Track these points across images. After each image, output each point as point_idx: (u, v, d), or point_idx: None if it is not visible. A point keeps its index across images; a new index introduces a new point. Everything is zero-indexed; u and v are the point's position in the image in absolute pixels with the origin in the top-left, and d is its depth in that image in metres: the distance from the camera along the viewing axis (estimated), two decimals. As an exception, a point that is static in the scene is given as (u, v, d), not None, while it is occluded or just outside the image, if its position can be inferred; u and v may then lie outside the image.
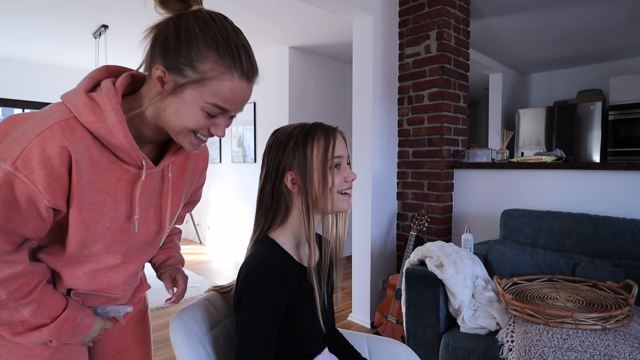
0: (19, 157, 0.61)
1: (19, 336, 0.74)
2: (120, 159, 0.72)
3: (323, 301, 0.89)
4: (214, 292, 1.01)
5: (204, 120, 0.69)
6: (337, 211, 0.88)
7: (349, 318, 2.86)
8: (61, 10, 3.15)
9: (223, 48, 0.65)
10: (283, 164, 0.86)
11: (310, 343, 0.88)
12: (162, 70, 0.66)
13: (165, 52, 0.65)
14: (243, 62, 0.66)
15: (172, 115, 0.69)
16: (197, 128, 0.70)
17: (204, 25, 0.65)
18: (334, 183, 0.85)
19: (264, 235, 0.88)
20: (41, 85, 4.80)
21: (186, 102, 0.67)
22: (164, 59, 0.65)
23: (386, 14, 2.77)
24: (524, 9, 3.22)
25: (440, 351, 1.71)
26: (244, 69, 0.66)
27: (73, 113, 0.67)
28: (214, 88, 0.65)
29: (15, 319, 0.72)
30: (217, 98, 0.66)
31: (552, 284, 1.80)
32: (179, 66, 0.65)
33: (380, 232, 2.80)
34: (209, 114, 0.68)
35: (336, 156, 0.86)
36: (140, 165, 0.73)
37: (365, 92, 2.73)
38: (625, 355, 1.26)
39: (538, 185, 2.36)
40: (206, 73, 0.64)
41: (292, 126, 0.89)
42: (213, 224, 5.34)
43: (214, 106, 0.67)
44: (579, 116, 4.34)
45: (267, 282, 0.78)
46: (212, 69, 0.65)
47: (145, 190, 0.78)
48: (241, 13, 3.22)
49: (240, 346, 0.77)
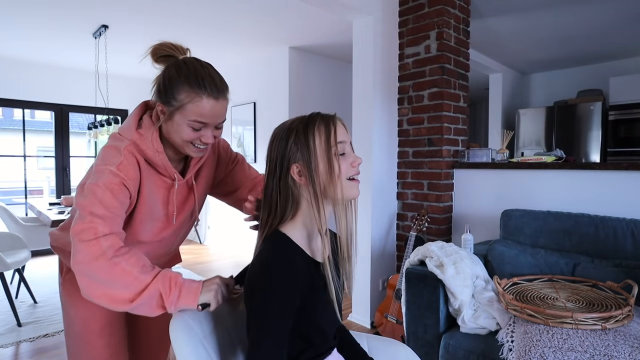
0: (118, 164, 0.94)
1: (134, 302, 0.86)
2: (160, 173, 1.03)
3: (338, 294, 0.88)
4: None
5: (193, 133, 0.96)
6: (347, 198, 0.86)
7: (349, 318, 2.86)
8: (61, 10, 3.15)
9: (192, 81, 0.92)
10: (287, 158, 0.85)
11: (323, 340, 0.88)
12: (160, 106, 0.96)
13: (159, 94, 0.96)
14: (207, 87, 0.92)
15: (172, 134, 0.98)
16: (190, 140, 0.97)
17: (179, 70, 0.93)
18: (341, 169, 0.85)
19: (275, 230, 0.87)
20: (41, 85, 4.80)
21: (176, 123, 0.95)
22: (160, 99, 0.96)
23: (386, 14, 2.77)
24: (524, 9, 3.22)
25: (440, 351, 1.71)
26: (209, 92, 0.92)
27: (133, 142, 0.98)
28: (190, 109, 0.92)
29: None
30: (195, 115, 0.93)
31: (552, 284, 1.80)
32: (168, 100, 0.94)
33: (380, 232, 2.80)
34: (193, 128, 0.95)
35: (339, 142, 0.85)
36: (174, 178, 1.05)
37: (365, 92, 2.74)
38: (625, 355, 1.26)
39: (538, 185, 2.36)
40: (183, 100, 0.92)
41: (290, 120, 0.89)
42: (213, 223, 5.34)
43: (195, 122, 0.94)
44: (579, 116, 4.34)
45: (280, 278, 0.77)
46: (186, 97, 0.92)
47: (179, 194, 1.09)
48: (241, 13, 3.22)
49: (252, 344, 0.76)
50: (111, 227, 0.89)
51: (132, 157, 0.96)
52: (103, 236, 0.87)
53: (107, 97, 4.63)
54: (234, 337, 0.97)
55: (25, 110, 4.91)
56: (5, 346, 2.43)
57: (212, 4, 3.04)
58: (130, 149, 0.97)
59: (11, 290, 3.28)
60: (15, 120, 12.36)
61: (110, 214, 0.90)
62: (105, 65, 4.50)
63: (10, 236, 3.08)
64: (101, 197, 0.90)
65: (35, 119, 13.07)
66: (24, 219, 3.66)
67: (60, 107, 5.01)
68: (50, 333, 2.61)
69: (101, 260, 0.85)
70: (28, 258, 2.94)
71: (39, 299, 3.23)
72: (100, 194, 0.90)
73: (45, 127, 11.75)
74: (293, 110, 4.20)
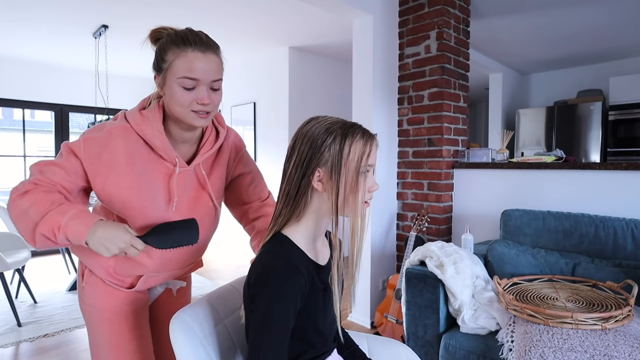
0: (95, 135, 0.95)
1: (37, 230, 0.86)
2: (162, 158, 0.99)
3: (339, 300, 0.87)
4: (214, 292, 1.01)
5: (187, 94, 0.91)
6: (358, 217, 0.86)
7: (349, 318, 2.86)
8: (61, 10, 3.15)
9: (177, 39, 0.92)
10: (316, 159, 0.82)
11: (323, 342, 0.88)
12: (155, 76, 0.96)
13: (154, 67, 0.97)
14: (191, 42, 0.91)
15: (169, 101, 0.94)
16: (186, 104, 0.92)
17: (168, 36, 0.94)
18: (363, 190, 0.84)
19: (278, 232, 0.87)
20: (41, 85, 4.80)
21: (169, 85, 0.93)
22: (154, 70, 0.97)
23: (386, 14, 2.77)
24: (524, 9, 3.22)
25: (440, 351, 1.71)
26: (194, 45, 0.91)
27: (130, 124, 0.97)
28: (177, 66, 0.90)
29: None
30: (183, 71, 0.90)
31: (552, 284, 1.80)
32: (160, 67, 0.94)
33: (380, 232, 2.80)
34: (185, 87, 0.91)
35: (369, 164, 0.84)
36: (175, 163, 1.00)
37: (365, 92, 2.73)
38: (625, 355, 1.26)
39: (538, 185, 2.36)
40: (170, 59, 0.91)
41: (330, 119, 0.86)
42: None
43: (184, 78, 0.90)
44: (579, 116, 4.34)
45: (283, 281, 0.76)
46: (172, 54, 0.91)
47: (181, 183, 1.03)
48: (241, 13, 3.22)
49: (253, 346, 0.76)
50: (35, 180, 0.91)
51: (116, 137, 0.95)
52: (20, 184, 0.91)
53: (107, 97, 4.63)
54: (234, 337, 0.97)
55: (25, 110, 4.91)
56: (5, 346, 2.43)
57: (212, 4, 3.04)
58: (118, 131, 0.95)
59: (11, 290, 3.29)
60: (15, 120, 12.36)
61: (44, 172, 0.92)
62: (105, 65, 4.50)
63: (10, 236, 3.08)
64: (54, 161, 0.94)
65: (35, 119, 13.07)
66: (24, 219, 3.65)
67: (60, 107, 5.01)
68: (50, 333, 2.61)
69: (11, 199, 0.89)
70: (28, 258, 2.94)
71: (39, 299, 3.23)
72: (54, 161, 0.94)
73: (45, 127, 11.75)
74: (293, 110, 4.20)
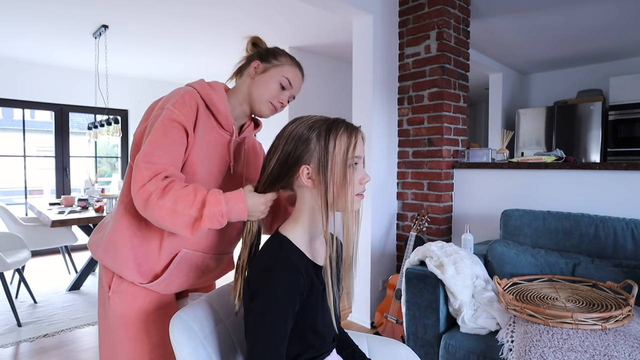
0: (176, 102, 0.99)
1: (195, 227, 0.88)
2: (220, 125, 1.08)
3: (335, 300, 0.87)
4: (214, 292, 1.01)
5: (278, 91, 1.09)
6: (352, 210, 0.86)
7: (349, 318, 2.86)
8: (61, 10, 3.14)
9: (291, 57, 1.14)
10: (302, 157, 0.84)
11: (322, 343, 0.88)
12: (258, 62, 1.11)
13: (259, 55, 1.13)
14: (301, 68, 1.15)
15: (259, 87, 1.09)
16: (272, 96, 1.09)
17: (280, 49, 1.16)
18: (354, 183, 0.84)
19: (276, 232, 0.87)
20: (41, 85, 4.80)
21: (270, 75, 1.09)
22: (258, 58, 1.12)
23: (386, 14, 2.77)
24: (525, 9, 3.22)
25: (440, 351, 1.71)
26: (296, 64, 1.14)
27: (197, 89, 1.05)
28: (287, 70, 1.11)
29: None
30: (289, 75, 1.10)
31: (552, 284, 1.80)
32: (268, 59, 1.11)
33: (380, 232, 2.80)
34: (282, 85, 1.09)
35: (356, 156, 0.85)
36: (232, 132, 1.11)
37: (365, 92, 2.73)
38: (625, 355, 1.26)
39: (538, 185, 2.36)
40: (283, 62, 1.11)
41: (313, 117, 0.88)
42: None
43: (286, 79, 1.09)
44: (579, 116, 4.34)
45: (281, 281, 0.76)
46: (286, 61, 1.12)
47: (235, 151, 1.15)
48: (241, 13, 3.22)
49: (252, 347, 0.76)
50: (155, 169, 0.90)
51: (191, 100, 1.00)
52: (148, 181, 0.88)
53: (107, 97, 4.63)
54: (233, 337, 0.97)
55: (25, 110, 4.91)
56: (5, 346, 2.43)
57: (212, 4, 3.04)
58: (191, 93, 1.01)
59: (11, 290, 3.29)
60: (15, 120, 12.35)
61: (161, 155, 0.92)
62: (105, 65, 4.50)
63: (10, 236, 3.08)
64: (153, 143, 0.93)
65: (35, 119, 13.06)
66: (24, 219, 3.66)
67: (60, 107, 5.01)
68: (50, 333, 2.61)
69: (150, 203, 0.87)
70: (28, 258, 2.94)
71: (38, 299, 3.23)
72: (153, 141, 0.93)
73: (45, 127, 11.74)
74: (293, 110, 4.20)
